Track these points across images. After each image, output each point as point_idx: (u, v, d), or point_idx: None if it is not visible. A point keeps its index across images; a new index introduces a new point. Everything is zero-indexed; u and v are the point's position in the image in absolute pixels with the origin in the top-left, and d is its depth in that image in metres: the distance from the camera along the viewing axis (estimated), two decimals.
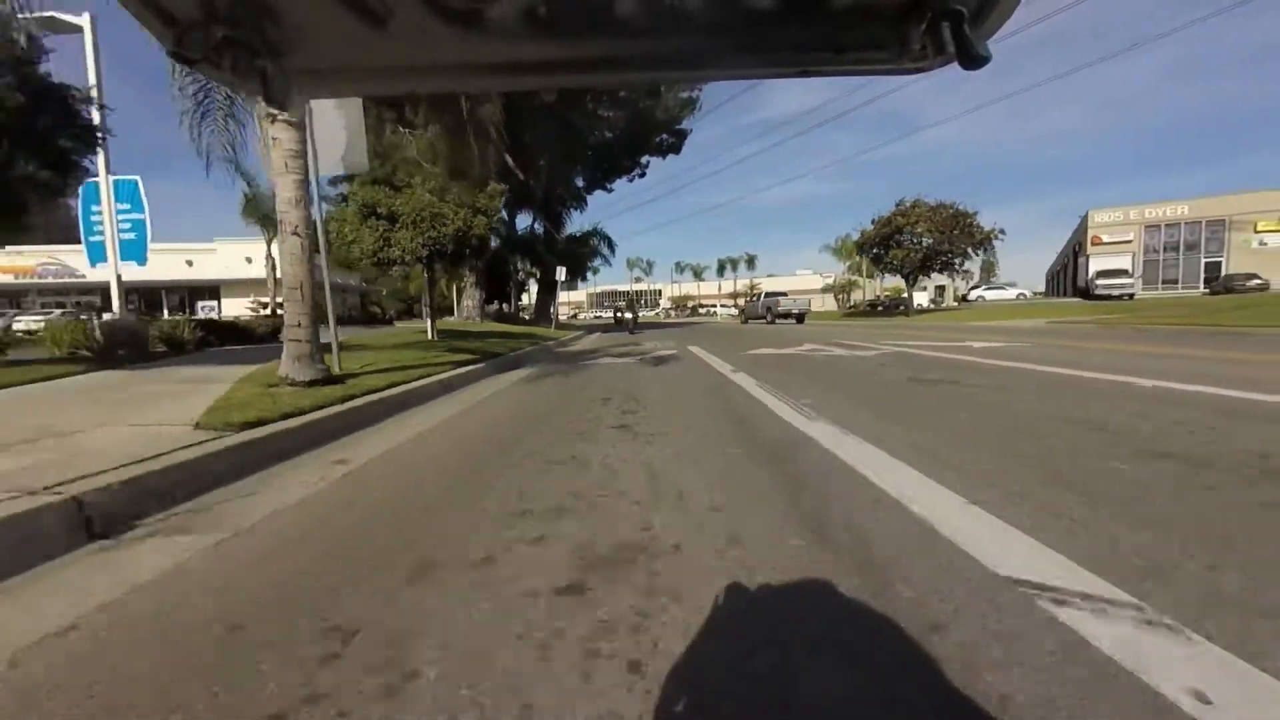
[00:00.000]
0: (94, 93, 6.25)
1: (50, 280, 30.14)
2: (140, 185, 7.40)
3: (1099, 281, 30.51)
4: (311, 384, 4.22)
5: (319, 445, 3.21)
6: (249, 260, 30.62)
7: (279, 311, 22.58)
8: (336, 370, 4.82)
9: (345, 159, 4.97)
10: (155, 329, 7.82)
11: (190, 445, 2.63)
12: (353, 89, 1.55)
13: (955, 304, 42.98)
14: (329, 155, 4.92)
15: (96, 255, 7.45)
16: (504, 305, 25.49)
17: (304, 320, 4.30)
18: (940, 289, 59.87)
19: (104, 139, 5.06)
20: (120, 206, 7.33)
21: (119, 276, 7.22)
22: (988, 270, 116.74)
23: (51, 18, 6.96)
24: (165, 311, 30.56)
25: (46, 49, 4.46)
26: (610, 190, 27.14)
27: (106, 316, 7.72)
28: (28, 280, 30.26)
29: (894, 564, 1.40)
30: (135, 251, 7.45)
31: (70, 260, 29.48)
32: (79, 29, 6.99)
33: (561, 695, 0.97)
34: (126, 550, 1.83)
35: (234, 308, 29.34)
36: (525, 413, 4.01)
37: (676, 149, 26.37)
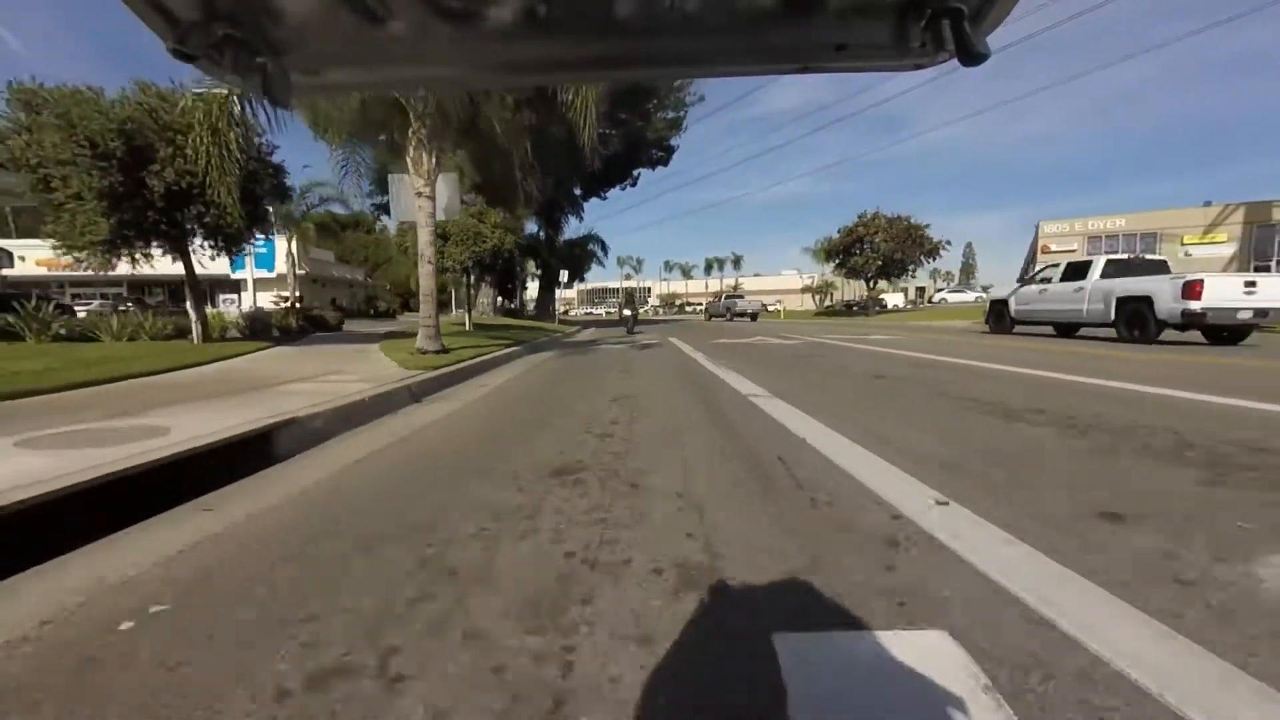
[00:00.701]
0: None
1: (79, 274, 32.31)
2: (271, 211, 10.21)
3: None
4: (437, 353, 7.10)
5: (463, 381, 6.10)
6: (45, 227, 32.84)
7: (298, 305, 24.29)
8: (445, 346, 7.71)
9: (446, 210, 7.84)
10: (273, 318, 10.63)
11: (415, 376, 5.50)
12: (353, 88, 1.60)
13: (929, 304, 46.56)
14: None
15: (238, 264, 10.23)
16: (509, 301, 28.36)
17: (432, 314, 7.19)
18: (921, 290, 63.55)
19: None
20: None
21: (253, 280, 9.97)
22: (967, 273, 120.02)
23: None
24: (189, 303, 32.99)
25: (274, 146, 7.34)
26: (605, 199, 30.04)
27: (246, 308, 10.49)
28: (59, 273, 32.43)
29: (714, 394, 4.36)
30: (267, 261, 10.27)
31: None
32: None
33: (614, 416, 3.91)
34: (429, 406, 4.72)
35: (254, 301, 31.63)
36: (565, 370, 6.93)
37: (665, 162, 29.32)
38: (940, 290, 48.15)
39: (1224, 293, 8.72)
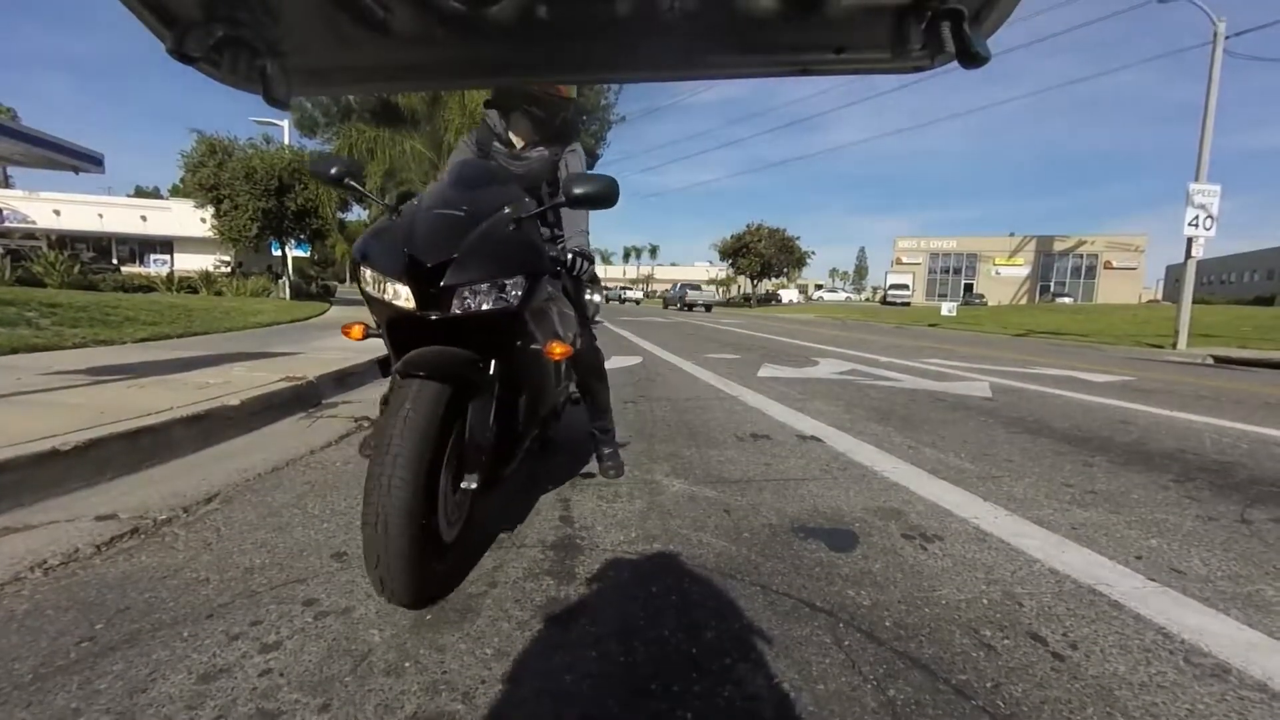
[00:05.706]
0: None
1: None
2: None
3: (890, 292, 42.54)
4: None
5: None
6: (204, 220, 34.22)
7: (238, 270, 27.32)
8: None
9: None
10: (301, 284, 14.63)
11: None
12: (352, 89, 1.64)
13: (808, 300, 54.90)
14: None
15: None
16: None
17: None
18: (819, 286, 72.90)
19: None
20: None
21: (288, 257, 13.90)
22: (860, 273, 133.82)
23: (269, 122, 13.72)
24: (115, 260, 33.56)
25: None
26: None
27: (196, 268, 14.41)
28: None
29: (622, 343, 9.67)
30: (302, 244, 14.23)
31: (21, 206, 31.82)
32: (280, 125, 13.58)
33: None
34: None
35: (188, 263, 32.94)
36: None
37: (591, 167, 34.30)
38: (819, 288, 56.90)
39: (692, 295, 28.45)
